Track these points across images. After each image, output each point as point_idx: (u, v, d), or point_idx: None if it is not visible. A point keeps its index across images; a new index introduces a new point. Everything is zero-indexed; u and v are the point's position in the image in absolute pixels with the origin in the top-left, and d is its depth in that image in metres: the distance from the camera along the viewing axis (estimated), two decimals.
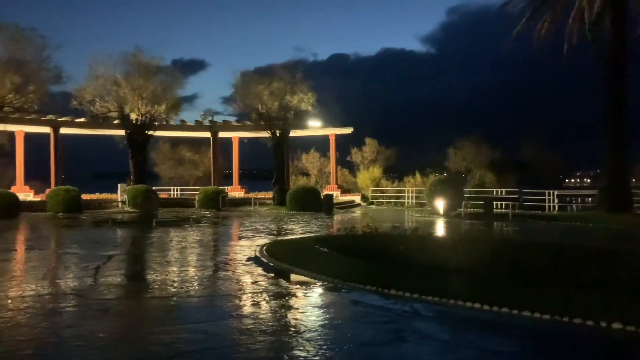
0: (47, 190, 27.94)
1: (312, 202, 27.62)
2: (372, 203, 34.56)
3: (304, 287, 8.78)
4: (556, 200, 27.75)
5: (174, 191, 37.62)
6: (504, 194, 29.42)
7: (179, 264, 11.33)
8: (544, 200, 27.84)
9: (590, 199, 28.48)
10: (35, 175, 33.80)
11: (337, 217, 24.57)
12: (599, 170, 29.29)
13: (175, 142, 43.40)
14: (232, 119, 37.41)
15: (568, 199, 30.24)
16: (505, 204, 25.90)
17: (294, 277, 9.80)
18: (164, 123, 32.25)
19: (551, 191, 27.99)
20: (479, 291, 7.59)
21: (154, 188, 29.38)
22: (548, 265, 8.56)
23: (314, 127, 35.11)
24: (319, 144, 41.61)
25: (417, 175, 37.90)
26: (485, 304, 7.03)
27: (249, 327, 6.24)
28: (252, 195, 34.08)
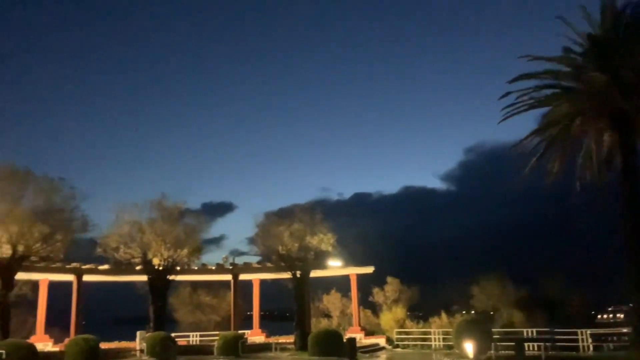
0: (66, 340, 27.45)
1: (334, 346, 26.66)
2: (397, 346, 33.26)
3: None
4: (590, 340, 26.42)
5: (193, 337, 36.71)
6: (534, 334, 28.17)
7: None
8: (576, 340, 26.51)
9: (626, 337, 27.11)
10: (55, 323, 33.29)
11: None
12: (631, 305, 28.12)
13: (195, 286, 43.22)
14: (256, 259, 37.48)
15: (603, 337, 28.78)
16: (537, 345, 24.73)
17: None
18: (186, 267, 32.36)
19: (584, 330, 26.79)
20: None
21: (173, 334, 28.77)
22: None
23: (335, 267, 34.94)
24: (340, 284, 41.01)
25: (443, 315, 36.80)
26: None
27: None
28: (272, 339, 33.11)
